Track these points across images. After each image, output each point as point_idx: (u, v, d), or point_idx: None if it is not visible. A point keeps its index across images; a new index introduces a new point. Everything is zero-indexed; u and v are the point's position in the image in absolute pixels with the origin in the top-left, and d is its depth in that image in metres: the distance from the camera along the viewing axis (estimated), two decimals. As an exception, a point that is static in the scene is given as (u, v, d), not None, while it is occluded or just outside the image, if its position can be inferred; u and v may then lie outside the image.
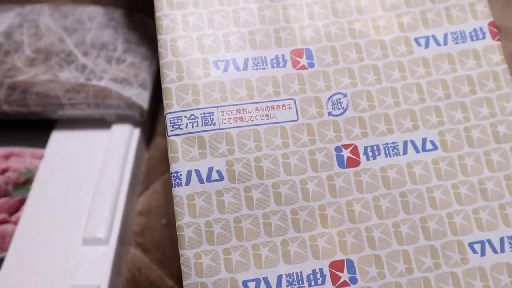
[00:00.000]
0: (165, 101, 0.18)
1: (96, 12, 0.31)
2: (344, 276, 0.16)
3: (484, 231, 0.17)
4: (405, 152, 0.18)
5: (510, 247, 0.17)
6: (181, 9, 0.19)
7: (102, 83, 0.26)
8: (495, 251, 0.16)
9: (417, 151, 0.18)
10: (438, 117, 0.18)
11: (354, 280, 0.16)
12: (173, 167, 0.17)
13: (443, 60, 0.19)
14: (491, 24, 0.19)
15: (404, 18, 0.19)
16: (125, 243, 0.24)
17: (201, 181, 0.17)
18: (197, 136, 0.17)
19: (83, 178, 0.26)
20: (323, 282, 0.16)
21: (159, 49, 0.19)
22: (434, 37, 0.19)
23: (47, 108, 0.27)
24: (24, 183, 0.26)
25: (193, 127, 0.17)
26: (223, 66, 0.18)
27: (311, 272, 0.16)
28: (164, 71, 0.18)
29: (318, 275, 0.16)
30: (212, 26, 0.19)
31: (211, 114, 0.18)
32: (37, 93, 0.26)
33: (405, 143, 0.18)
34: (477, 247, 0.16)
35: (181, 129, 0.17)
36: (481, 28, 0.19)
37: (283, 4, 0.20)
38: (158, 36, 0.19)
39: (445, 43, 0.19)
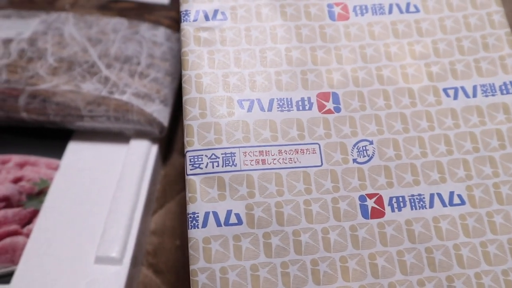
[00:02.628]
0: (186, 138, 0.17)
1: (121, 24, 0.31)
2: None
3: None
4: (431, 206, 0.17)
5: None
6: (208, 46, 0.19)
7: (125, 98, 0.26)
8: None
9: (444, 205, 0.17)
10: (466, 171, 0.17)
11: None
12: (190, 208, 0.16)
13: (471, 112, 0.18)
14: None
15: (433, 68, 0.19)
16: (138, 263, 0.24)
17: (218, 224, 0.16)
18: (217, 176, 0.17)
19: (98, 193, 0.25)
20: None
21: (183, 84, 0.18)
22: (463, 88, 0.19)
23: (66, 118, 0.26)
24: (38, 194, 0.25)
25: (213, 167, 0.17)
26: (247, 105, 0.18)
27: None
28: (187, 107, 0.18)
29: None
30: (239, 64, 0.18)
31: (232, 155, 0.17)
32: (57, 103, 0.26)
33: (431, 196, 0.17)
34: None
35: (201, 168, 0.17)
36: (511, 83, 0.19)
37: (311, 46, 0.19)
38: (183, 72, 0.18)
39: (474, 95, 0.19)
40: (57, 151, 0.27)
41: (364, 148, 0.18)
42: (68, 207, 0.24)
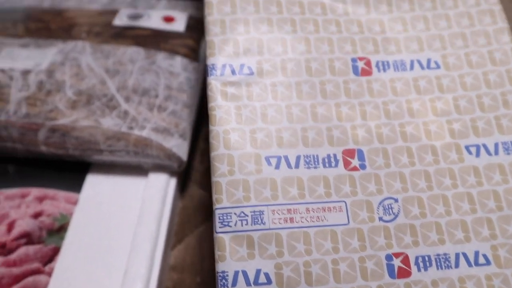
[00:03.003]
0: (214, 196, 0.17)
1: (138, 54, 0.31)
2: None
3: None
4: (457, 265, 0.17)
5: None
6: (235, 101, 0.19)
7: (144, 133, 0.26)
8: None
9: (469, 264, 0.17)
10: (490, 230, 0.17)
11: None
12: (220, 267, 0.17)
13: (494, 170, 0.19)
14: None
15: (455, 125, 0.19)
16: (159, 301, 0.24)
17: (248, 283, 0.16)
18: (246, 235, 0.17)
19: (118, 228, 0.25)
20: None
21: (211, 140, 0.18)
22: (484, 146, 0.19)
23: (85, 152, 0.26)
24: (58, 230, 0.25)
25: (242, 225, 0.17)
26: (275, 162, 0.18)
27: None
28: (215, 164, 0.18)
29: None
30: (266, 120, 0.19)
31: (261, 213, 0.17)
32: (77, 138, 0.26)
33: (457, 255, 0.17)
34: None
35: (230, 226, 0.17)
36: None
37: (335, 102, 0.19)
38: (211, 127, 0.18)
39: (496, 153, 0.19)
40: (76, 184, 0.27)
41: (389, 206, 0.18)
42: (88, 243, 0.24)
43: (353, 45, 0.21)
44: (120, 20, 0.34)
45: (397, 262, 0.17)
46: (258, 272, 0.16)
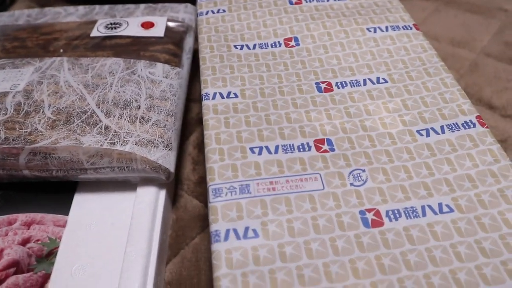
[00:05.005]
0: (208, 177, 0.22)
1: (117, 65, 0.30)
2: None
3: (490, 285, 0.19)
4: (424, 215, 0.21)
5: None
6: (224, 114, 0.25)
7: (127, 148, 0.25)
8: None
9: (435, 213, 0.21)
10: (448, 186, 0.22)
11: None
12: (213, 227, 0.20)
13: (444, 144, 0.24)
14: (478, 117, 0.25)
15: (406, 117, 0.25)
16: (155, 320, 0.23)
17: (238, 238, 0.20)
18: (236, 202, 0.21)
19: (109, 249, 0.25)
20: None
21: (205, 140, 0.23)
22: (432, 129, 0.24)
23: (70, 172, 0.26)
24: (48, 255, 0.24)
25: (232, 195, 0.21)
26: (257, 151, 0.23)
27: None
28: (209, 155, 0.23)
29: None
30: (249, 125, 0.24)
31: (247, 186, 0.21)
32: (59, 158, 0.25)
33: (423, 207, 0.21)
34: None
35: (222, 197, 0.21)
36: (470, 120, 0.25)
37: (305, 110, 0.25)
38: (205, 132, 0.24)
39: (443, 132, 0.24)
40: (63, 205, 0.27)
41: (358, 174, 0.22)
42: (79, 267, 0.24)
43: (316, 75, 0.27)
44: (98, 31, 0.34)
45: (370, 216, 0.21)
46: (246, 229, 0.20)
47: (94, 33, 0.34)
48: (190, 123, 0.34)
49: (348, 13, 0.32)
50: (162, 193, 0.28)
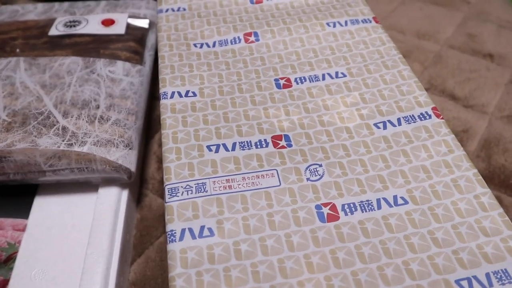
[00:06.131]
0: (165, 177, 0.22)
1: (76, 64, 0.30)
2: None
3: (467, 269, 0.19)
4: (379, 207, 0.21)
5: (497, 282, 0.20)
6: (182, 113, 0.25)
7: (85, 149, 0.25)
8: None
9: (389, 206, 0.21)
10: (404, 178, 0.22)
11: None
12: (168, 227, 0.20)
13: (400, 136, 0.24)
14: (434, 108, 0.25)
15: (363, 111, 0.25)
16: (118, 322, 0.23)
17: (193, 237, 0.20)
18: (192, 201, 0.21)
19: (70, 252, 0.24)
20: None
21: (162, 139, 0.23)
22: (389, 121, 0.25)
23: (28, 175, 0.25)
24: (6, 261, 0.24)
25: (188, 194, 0.21)
26: (214, 148, 0.23)
27: None
28: (166, 154, 0.23)
29: None
30: (206, 123, 0.24)
31: (203, 184, 0.21)
32: (15, 161, 0.25)
33: (378, 200, 0.21)
34: (464, 283, 0.19)
35: (178, 196, 0.21)
36: (426, 112, 0.25)
37: (264, 107, 0.25)
38: (162, 131, 0.24)
39: (399, 124, 0.24)
40: (23, 209, 0.26)
41: (315, 169, 0.22)
42: (38, 271, 0.23)
43: (275, 71, 0.28)
44: (57, 30, 0.33)
45: (326, 210, 0.21)
46: (202, 228, 0.20)
47: (53, 31, 0.33)
48: (156, 121, 0.34)
49: (309, 10, 0.32)
50: (125, 193, 0.27)
